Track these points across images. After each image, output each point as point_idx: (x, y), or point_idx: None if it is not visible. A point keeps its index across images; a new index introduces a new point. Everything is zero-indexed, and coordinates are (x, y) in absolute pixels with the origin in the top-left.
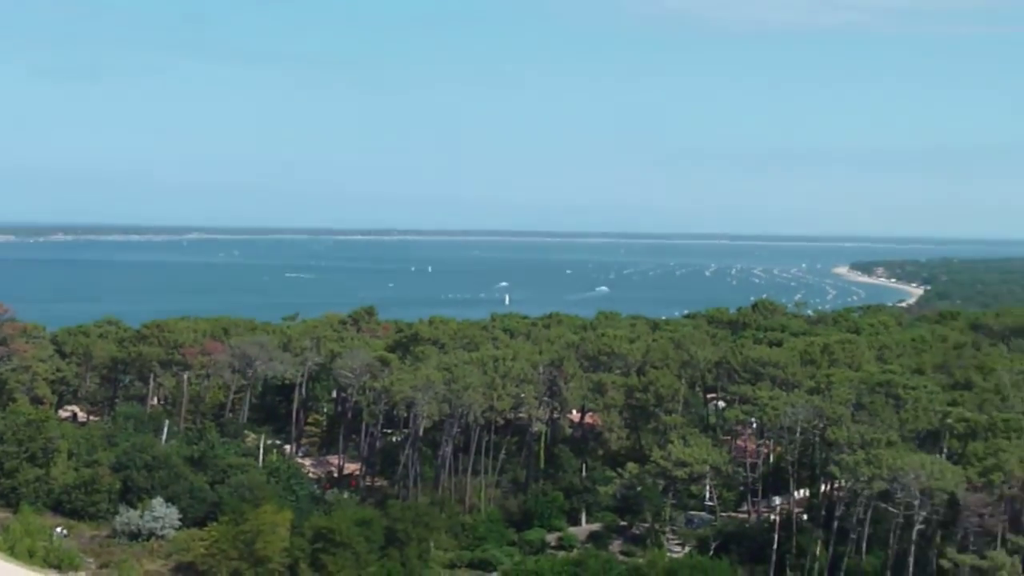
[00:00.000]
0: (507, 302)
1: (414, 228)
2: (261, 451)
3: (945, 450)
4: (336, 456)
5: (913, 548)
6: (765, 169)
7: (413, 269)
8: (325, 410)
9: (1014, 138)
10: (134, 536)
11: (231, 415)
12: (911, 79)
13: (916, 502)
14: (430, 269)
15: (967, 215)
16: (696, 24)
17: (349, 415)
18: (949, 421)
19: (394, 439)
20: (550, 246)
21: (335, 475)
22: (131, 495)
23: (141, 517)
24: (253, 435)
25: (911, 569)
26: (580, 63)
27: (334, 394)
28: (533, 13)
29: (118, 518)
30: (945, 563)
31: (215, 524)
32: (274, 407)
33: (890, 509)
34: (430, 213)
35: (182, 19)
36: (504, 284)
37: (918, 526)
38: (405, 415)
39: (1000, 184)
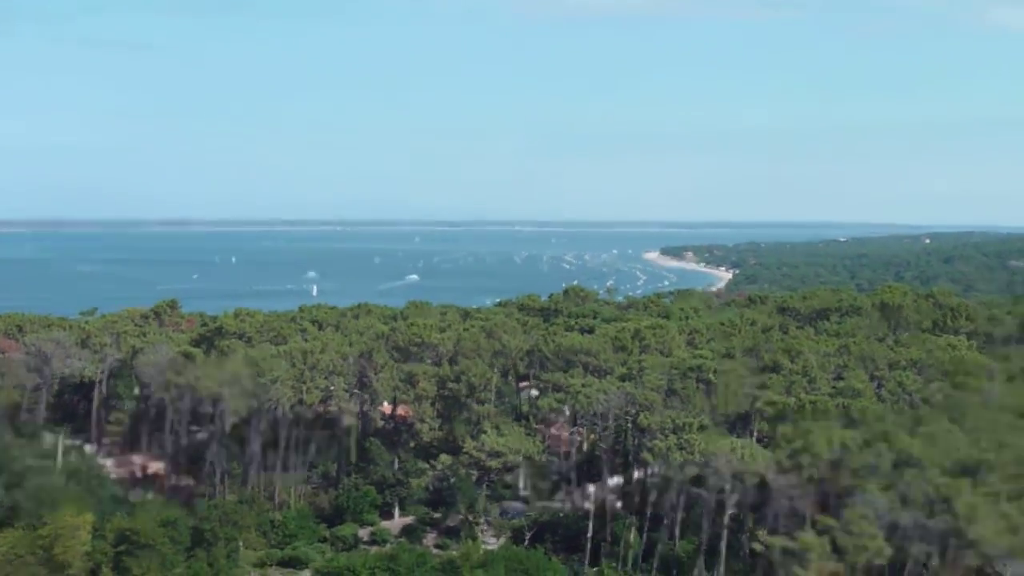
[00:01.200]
0: (315, 293)
1: (215, 219)
2: (60, 452)
3: (755, 433)
4: (140, 455)
5: (725, 532)
6: (565, 155)
7: (217, 260)
8: (127, 408)
9: (817, 122)
10: None
11: (27, 415)
12: (703, 64)
13: (727, 486)
14: (234, 260)
15: (771, 199)
16: (486, 10)
17: (153, 413)
18: (758, 405)
19: (200, 436)
20: (357, 235)
21: (139, 475)
22: None
23: None
24: (51, 436)
25: (724, 553)
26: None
27: (137, 391)
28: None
29: None
30: (757, 546)
31: (11, 530)
32: (73, 406)
33: (703, 494)
34: (230, 204)
35: None
36: (312, 274)
37: (730, 510)
38: (211, 411)
39: (803, 167)
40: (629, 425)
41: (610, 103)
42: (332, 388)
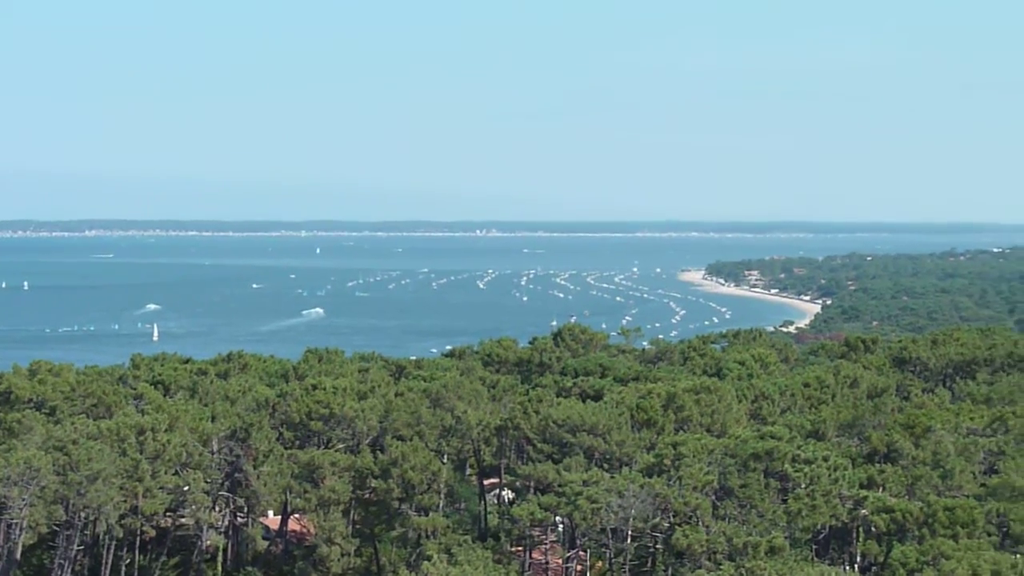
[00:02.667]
0: (156, 336)
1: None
2: None
3: (859, 558)
4: None
5: None
6: (548, 122)
7: (3, 285)
8: None
9: (954, 61)
10: None
11: None
12: None
13: None
14: (27, 285)
15: (881, 186)
16: None
17: None
18: (864, 512)
19: None
20: (227, 246)
21: None
22: None
23: None
24: None
25: None
26: None
27: None
28: None
29: None
30: None
31: None
32: None
33: None
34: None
35: None
36: (152, 307)
37: None
38: None
39: (931, 135)
40: (659, 547)
41: (624, 47)
42: (186, 489)
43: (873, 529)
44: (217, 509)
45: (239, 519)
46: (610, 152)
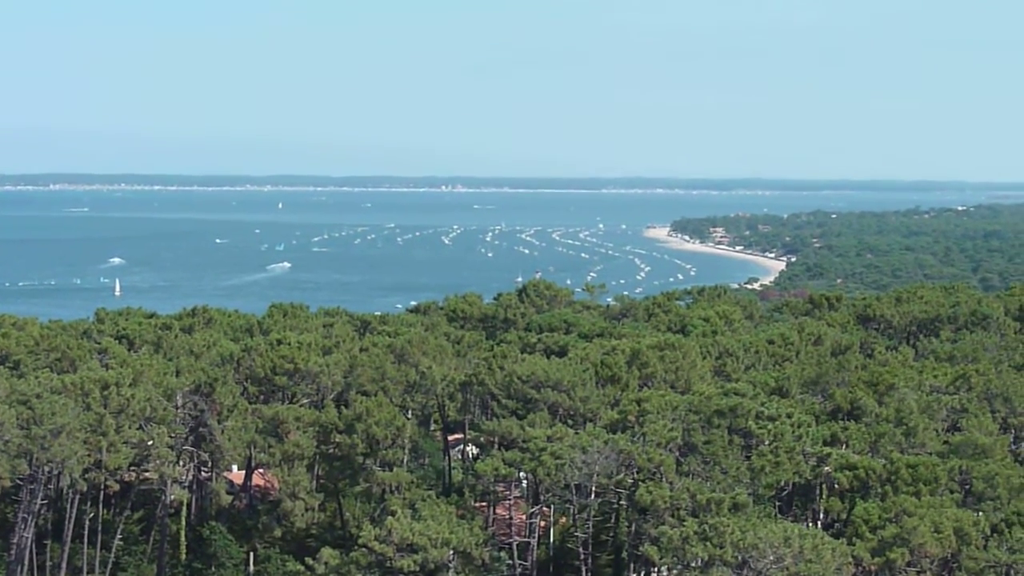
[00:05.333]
0: (118, 291)
1: None
2: None
3: (821, 515)
4: None
5: None
6: (514, 76)
7: None
8: None
9: (920, 17)
10: None
11: None
12: None
13: None
14: None
15: (846, 144)
16: None
17: None
18: (827, 469)
19: None
20: (190, 200)
21: None
22: None
23: None
24: None
25: None
26: None
27: None
28: None
29: None
30: None
31: None
32: None
33: None
34: None
35: None
36: (116, 261)
37: None
38: None
39: (895, 92)
40: (623, 502)
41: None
42: (150, 444)
43: (836, 486)
44: (181, 464)
45: (203, 474)
46: (577, 110)
